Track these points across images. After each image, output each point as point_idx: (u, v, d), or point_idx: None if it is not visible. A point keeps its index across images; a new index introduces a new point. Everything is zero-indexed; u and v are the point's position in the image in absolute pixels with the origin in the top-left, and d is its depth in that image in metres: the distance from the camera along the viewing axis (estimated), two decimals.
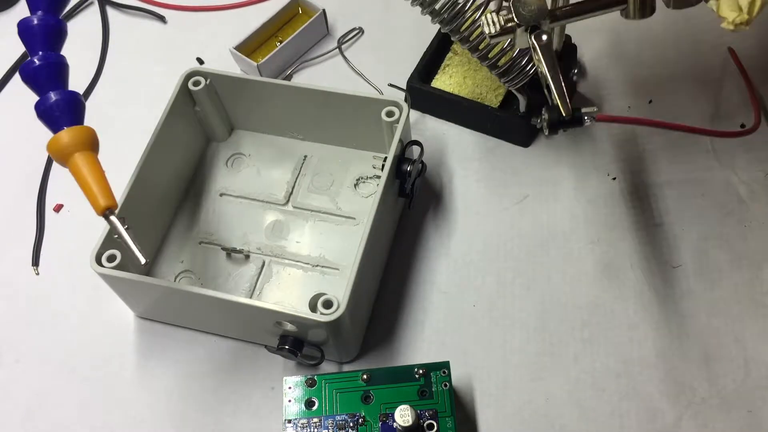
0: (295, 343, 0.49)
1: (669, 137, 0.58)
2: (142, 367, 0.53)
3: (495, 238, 0.57)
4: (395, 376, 0.47)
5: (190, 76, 0.56)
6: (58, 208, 0.60)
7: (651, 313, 0.53)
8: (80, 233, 0.49)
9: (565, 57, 0.60)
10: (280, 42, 0.67)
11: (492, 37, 0.46)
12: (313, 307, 0.48)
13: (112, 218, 0.43)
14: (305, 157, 0.60)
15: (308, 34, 0.68)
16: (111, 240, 0.49)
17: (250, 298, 0.54)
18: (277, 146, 0.61)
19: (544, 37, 0.45)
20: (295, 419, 0.46)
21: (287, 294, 0.54)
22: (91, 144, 0.44)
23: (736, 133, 0.57)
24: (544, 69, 0.45)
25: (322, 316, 0.45)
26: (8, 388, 0.53)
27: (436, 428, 0.45)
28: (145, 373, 0.53)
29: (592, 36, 0.65)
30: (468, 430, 0.49)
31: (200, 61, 0.68)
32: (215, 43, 0.69)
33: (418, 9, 0.51)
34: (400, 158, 0.53)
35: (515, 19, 0.45)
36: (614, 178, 0.59)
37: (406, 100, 0.54)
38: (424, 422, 0.45)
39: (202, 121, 0.59)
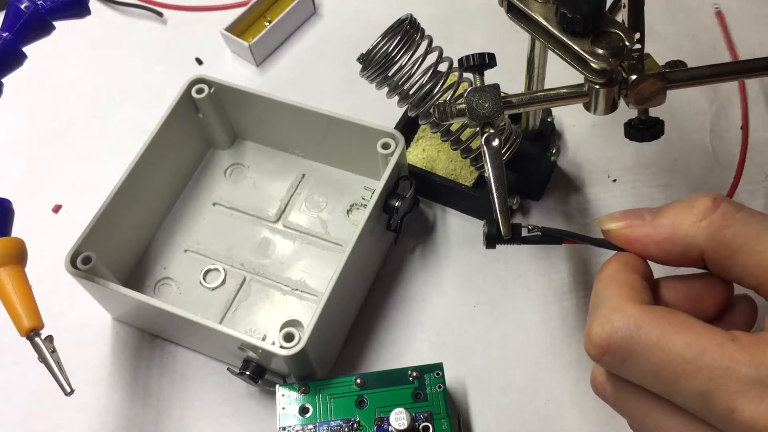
0: (257, 369, 0.48)
1: (669, 139, 0.58)
2: (139, 370, 0.53)
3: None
4: (389, 380, 0.47)
5: (194, 83, 0.56)
6: (57, 208, 0.60)
7: None
8: (79, 234, 0.49)
9: (543, 135, 0.55)
10: (269, 22, 0.67)
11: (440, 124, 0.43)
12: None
13: (37, 340, 0.41)
14: (303, 175, 0.59)
15: (295, 13, 0.68)
16: (88, 241, 0.50)
17: (226, 314, 0.54)
18: (277, 160, 0.60)
19: (495, 143, 0.42)
20: (290, 427, 0.46)
21: (262, 315, 0.54)
22: (19, 257, 0.42)
23: None
24: (490, 177, 0.42)
25: (282, 349, 0.45)
26: (7, 389, 0.53)
27: (431, 430, 0.45)
28: (142, 376, 0.53)
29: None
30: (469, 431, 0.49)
31: (199, 61, 0.68)
32: (214, 43, 0.68)
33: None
34: (390, 192, 0.52)
35: (467, 116, 0.42)
36: (615, 180, 0.58)
37: None
38: (419, 425, 0.45)
39: (203, 128, 0.59)
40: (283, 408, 0.46)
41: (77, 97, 0.67)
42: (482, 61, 0.45)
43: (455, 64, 0.49)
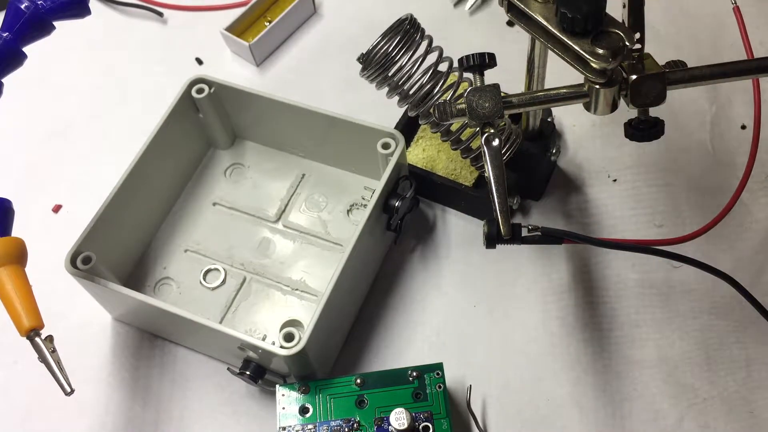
0: (257, 369, 0.48)
1: (669, 139, 0.58)
2: (139, 370, 0.53)
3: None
4: (389, 380, 0.47)
5: (194, 83, 0.56)
6: (57, 208, 0.60)
7: (652, 312, 0.53)
8: (79, 234, 0.49)
9: (543, 136, 0.55)
10: (269, 22, 0.68)
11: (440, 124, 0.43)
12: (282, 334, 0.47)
13: (37, 340, 0.41)
14: (303, 175, 0.59)
15: (295, 13, 0.69)
16: (88, 241, 0.50)
17: (226, 314, 0.54)
18: (277, 160, 0.60)
19: (495, 143, 0.42)
20: (290, 427, 0.46)
21: (262, 315, 0.54)
22: (19, 257, 0.42)
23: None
24: (490, 177, 0.42)
25: (282, 349, 0.45)
26: (7, 388, 0.53)
27: (431, 430, 0.45)
28: (142, 376, 0.53)
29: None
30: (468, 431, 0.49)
31: (199, 61, 0.68)
32: (214, 43, 0.68)
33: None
34: (390, 192, 0.52)
35: (467, 115, 0.42)
36: (615, 180, 0.58)
37: None
38: (419, 425, 0.45)
39: (204, 127, 0.59)
40: (283, 408, 0.46)
41: (77, 97, 0.67)
42: (482, 61, 0.45)
43: (455, 64, 0.49)
